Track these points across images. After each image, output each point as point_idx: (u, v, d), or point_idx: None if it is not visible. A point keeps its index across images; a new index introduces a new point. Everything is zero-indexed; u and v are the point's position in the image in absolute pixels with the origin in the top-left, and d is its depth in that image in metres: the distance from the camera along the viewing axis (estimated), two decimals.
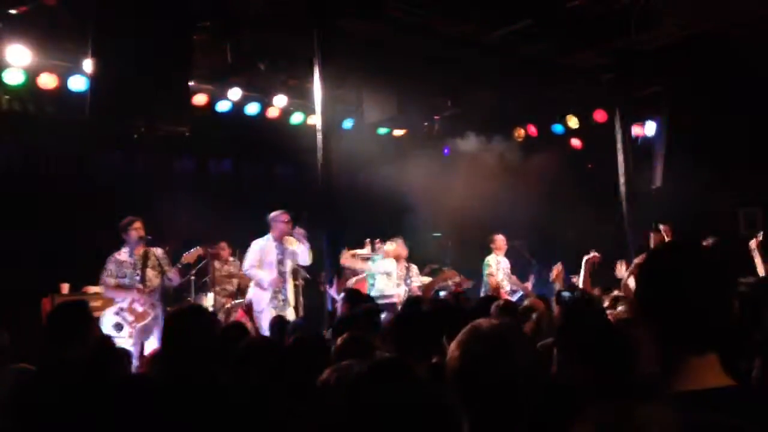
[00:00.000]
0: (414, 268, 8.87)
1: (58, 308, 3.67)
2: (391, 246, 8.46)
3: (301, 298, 8.00)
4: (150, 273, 6.70)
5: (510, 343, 1.63)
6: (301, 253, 7.41)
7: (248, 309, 5.68)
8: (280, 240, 7.43)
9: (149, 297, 6.65)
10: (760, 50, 7.94)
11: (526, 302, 5.84)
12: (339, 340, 3.32)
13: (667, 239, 6.91)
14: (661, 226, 7.29)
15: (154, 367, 3.43)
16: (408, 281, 8.69)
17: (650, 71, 9.06)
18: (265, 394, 2.73)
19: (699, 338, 1.42)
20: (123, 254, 6.67)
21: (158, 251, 6.83)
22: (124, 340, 6.26)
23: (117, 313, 6.53)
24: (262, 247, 7.38)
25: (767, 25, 7.57)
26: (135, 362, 6.31)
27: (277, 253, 7.40)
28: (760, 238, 6.28)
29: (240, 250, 8.89)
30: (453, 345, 1.67)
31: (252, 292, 7.48)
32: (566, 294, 4.25)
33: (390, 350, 2.90)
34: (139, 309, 6.57)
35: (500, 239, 9.42)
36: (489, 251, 9.47)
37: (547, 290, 8.11)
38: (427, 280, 9.52)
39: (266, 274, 7.30)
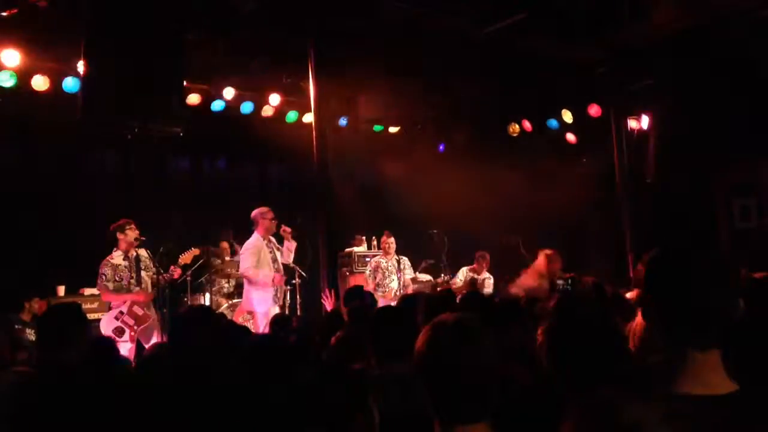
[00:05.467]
0: (405, 260, 8.86)
1: (49, 311, 3.62)
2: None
3: (298, 297, 7.93)
4: (144, 275, 6.68)
5: (472, 332, 1.71)
6: (285, 251, 7.27)
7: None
8: (266, 237, 7.28)
9: (147, 298, 6.63)
10: (751, 42, 7.96)
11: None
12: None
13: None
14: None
15: (152, 367, 3.40)
16: (400, 274, 8.69)
17: (643, 65, 9.06)
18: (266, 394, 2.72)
19: (703, 335, 1.44)
20: (116, 257, 6.60)
21: (146, 252, 6.77)
22: (125, 344, 6.24)
23: (117, 317, 6.47)
24: (256, 247, 7.18)
25: (757, 18, 7.59)
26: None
27: (270, 251, 7.27)
28: None
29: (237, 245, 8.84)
30: (420, 337, 1.75)
31: (251, 295, 7.21)
32: (560, 282, 4.22)
33: (370, 352, 2.88)
34: (140, 312, 6.53)
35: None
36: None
37: None
38: (425, 277, 9.52)
39: (268, 273, 7.12)
